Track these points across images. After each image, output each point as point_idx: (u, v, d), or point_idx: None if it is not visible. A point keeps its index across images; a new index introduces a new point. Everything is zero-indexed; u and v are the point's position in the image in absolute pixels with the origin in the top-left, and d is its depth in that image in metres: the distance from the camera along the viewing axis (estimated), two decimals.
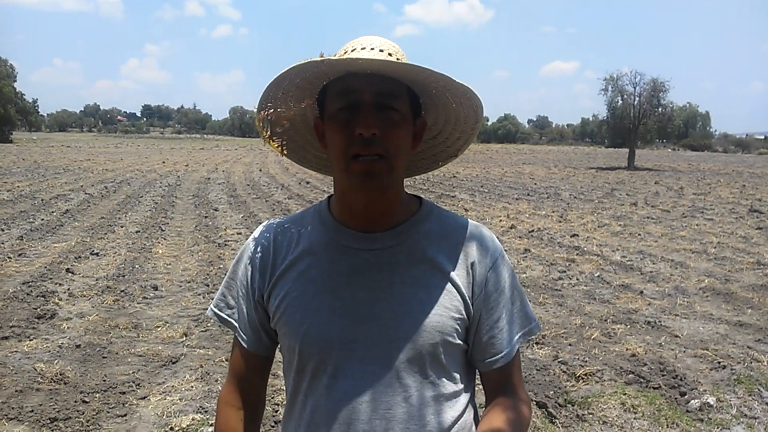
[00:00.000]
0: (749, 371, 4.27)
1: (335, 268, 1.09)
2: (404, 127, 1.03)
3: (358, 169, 1.00)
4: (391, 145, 1.01)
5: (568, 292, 6.37)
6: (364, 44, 1.05)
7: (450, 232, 1.12)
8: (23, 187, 15.32)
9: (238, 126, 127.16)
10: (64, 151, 37.24)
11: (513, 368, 1.13)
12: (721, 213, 13.10)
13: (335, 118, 1.02)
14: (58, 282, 6.24)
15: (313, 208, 1.18)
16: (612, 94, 33.74)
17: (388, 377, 1.04)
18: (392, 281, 1.07)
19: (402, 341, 1.04)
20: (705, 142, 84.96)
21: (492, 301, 1.10)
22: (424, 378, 1.06)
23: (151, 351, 4.47)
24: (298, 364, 1.10)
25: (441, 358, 1.07)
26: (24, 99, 63.80)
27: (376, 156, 1.00)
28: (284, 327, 1.10)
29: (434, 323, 1.05)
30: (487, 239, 1.13)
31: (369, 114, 0.99)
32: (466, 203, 14.16)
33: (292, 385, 1.13)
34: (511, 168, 29.57)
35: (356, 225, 1.10)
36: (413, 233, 1.10)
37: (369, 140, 0.98)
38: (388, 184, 1.06)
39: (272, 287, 1.12)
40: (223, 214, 11.55)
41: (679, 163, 40.44)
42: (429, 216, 1.14)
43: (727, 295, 6.31)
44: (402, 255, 1.08)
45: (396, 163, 1.03)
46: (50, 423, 3.37)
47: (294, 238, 1.14)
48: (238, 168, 25.78)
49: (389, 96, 1.01)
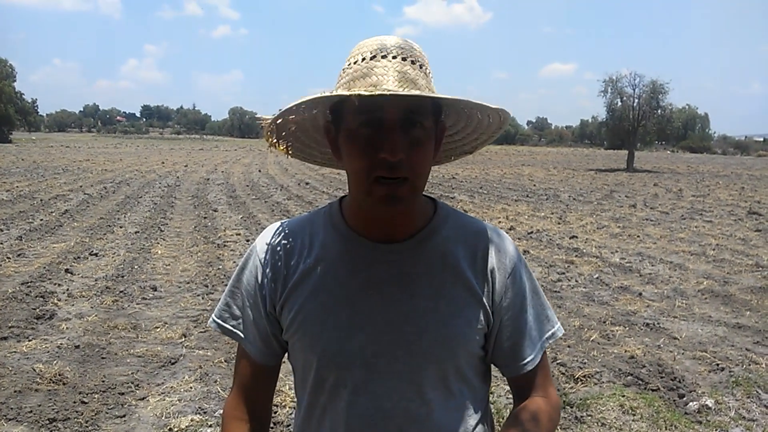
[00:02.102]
0: (748, 373, 4.28)
1: (353, 280, 1.03)
2: (429, 143, 0.97)
3: (382, 192, 0.93)
4: (417, 165, 0.94)
5: (567, 293, 6.38)
6: (384, 50, 0.96)
7: (469, 237, 1.08)
8: (22, 188, 15.31)
9: (238, 127, 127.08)
10: (63, 152, 37.22)
11: (539, 370, 1.10)
12: (720, 215, 13.11)
13: (356, 136, 0.94)
14: (57, 282, 6.24)
15: (324, 212, 1.12)
16: (611, 95, 33.73)
17: (411, 393, 1.01)
18: (413, 293, 1.02)
19: (425, 356, 1.01)
20: (704, 144, 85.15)
21: (513, 307, 1.07)
22: (447, 391, 1.03)
23: (150, 352, 4.47)
24: (316, 379, 1.05)
25: (464, 370, 1.05)
26: (23, 99, 63.74)
27: (401, 179, 0.93)
28: (301, 341, 1.05)
29: (457, 336, 1.02)
30: (506, 244, 1.10)
31: (395, 137, 0.91)
32: (465, 204, 14.15)
33: (307, 400, 1.08)
34: (510, 169, 29.58)
35: (374, 235, 1.05)
36: (432, 241, 1.06)
37: (395, 164, 0.91)
38: (411, 203, 1.00)
39: (286, 298, 1.06)
40: (222, 215, 11.54)
41: (678, 165, 40.49)
42: (446, 221, 1.09)
43: (725, 297, 6.32)
44: (422, 265, 1.04)
45: (420, 184, 0.97)
46: (49, 423, 3.37)
47: (306, 245, 1.08)
48: (237, 169, 25.78)
49: (416, 113, 0.93)
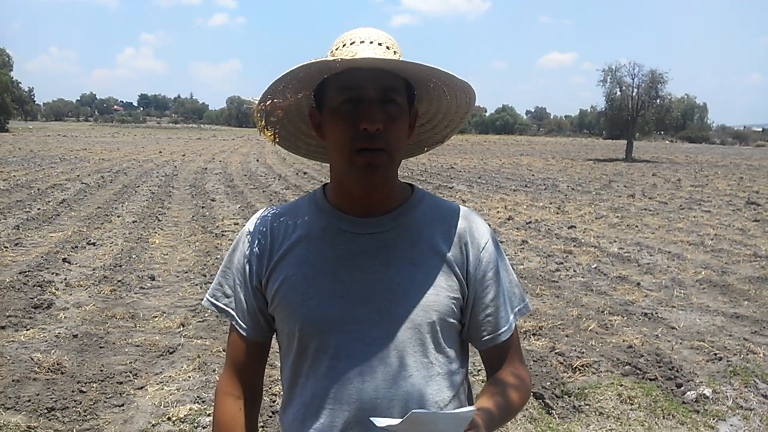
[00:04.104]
0: (745, 363, 4.29)
1: (333, 252, 1.11)
2: (403, 119, 1.07)
3: (362, 162, 1.03)
4: (393, 138, 1.04)
5: (566, 283, 6.38)
6: (363, 37, 1.07)
7: (443, 215, 1.16)
8: (19, 177, 15.26)
9: (235, 116, 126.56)
10: (60, 141, 37.08)
11: (511, 344, 1.18)
12: (719, 205, 13.12)
13: (338, 111, 1.04)
14: (55, 272, 6.23)
15: (308, 197, 1.21)
16: (610, 85, 33.66)
17: (389, 357, 1.06)
18: (390, 263, 1.09)
19: (401, 321, 1.07)
20: (703, 134, 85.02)
21: (487, 280, 1.14)
22: (423, 357, 1.09)
23: (148, 341, 4.47)
24: (298, 348, 1.11)
25: (439, 337, 1.10)
26: (20, 88, 63.39)
27: (379, 150, 1.03)
28: (284, 311, 1.12)
29: (432, 302, 1.08)
30: (478, 222, 1.18)
31: (374, 109, 1.02)
32: (464, 194, 14.15)
33: (291, 370, 1.14)
34: (508, 159, 29.56)
35: (354, 211, 1.13)
36: (409, 217, 1.14)
37: (373, 135, 1.02)
38: (389, 174, 1.10)
39: (270, 272, 1.13)
40: (220, 205, 11.53)
41: (677, 154, 40.47)
42: (422, 201, 1.18)
43: (723, 287, 6.33)
44: (399, 238, 1.12)
45: (396, 155, 1.07)
46: (47, 413, 3.37)
47: (291, 225, 1.16)
48: (235, 158, 25.72)
49: (391, 90, 1.04)
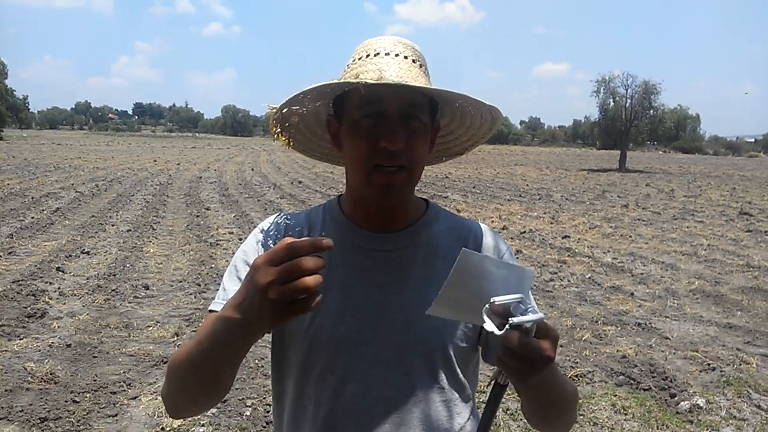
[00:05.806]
0: (738, 373, 4.31)
1: (347, 268, 1.06)
2: (425, 136, 1.03)
3: (380, 180, 0.99)
4: (414, 155, 1.00)
5: (560, 293, 6.40)
6: (388, 49, 1.02)
7: (460, 232, 1.13)
8: (13, 185, 15.19)
9: (230, 125, 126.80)
10: (54, 149, 36.94)
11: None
12: (712, 215, 13.20)
13: (359, 125, 1.00)
14: (49, 281, 6.20)
15: (322, 208, 1.16)
16: (604, 95, 33.99)
17: (399, 381, 1.02)
18: (405, 282, 1.05)
19: (413, 344, 1.02)
20: (695, 145, 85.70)
21: None
22: (434, 382, 1.04)
23: (142, 351, 4.45)
24: (303, 365, 1.06)
25: (452, 362, 1.05)
26: (14, 96, 63.51)
27: (397, 167, 0.99)
28: (290, 325, 1.05)
29: (446, 326, 1.03)
30: (495, 238, 1.14)
31: (396, 127, 0.97)
32: (459, 204, 14.17)
33: (292, 388, 1.08)
34: (503, 169, 29.64)
35: (369, 225, 1.09)
36: (425, 234, 1.10)
37: (394, 152, 0.97)
38: (407, 191, 1.06)
39: None
40: (215, 214, 11.50)
41: (670, 165, 40.72)
42: (437, 217, 1.14)
43: (716, 297, 6.37)
44: (415, 256, 1.08)
45: (416, 172, 1.03)
46: (40, 423, 3.35)
47: (303, 235, 1.10)
48: (230, 167, 25.68)
49: (414, 107, 0.99)
